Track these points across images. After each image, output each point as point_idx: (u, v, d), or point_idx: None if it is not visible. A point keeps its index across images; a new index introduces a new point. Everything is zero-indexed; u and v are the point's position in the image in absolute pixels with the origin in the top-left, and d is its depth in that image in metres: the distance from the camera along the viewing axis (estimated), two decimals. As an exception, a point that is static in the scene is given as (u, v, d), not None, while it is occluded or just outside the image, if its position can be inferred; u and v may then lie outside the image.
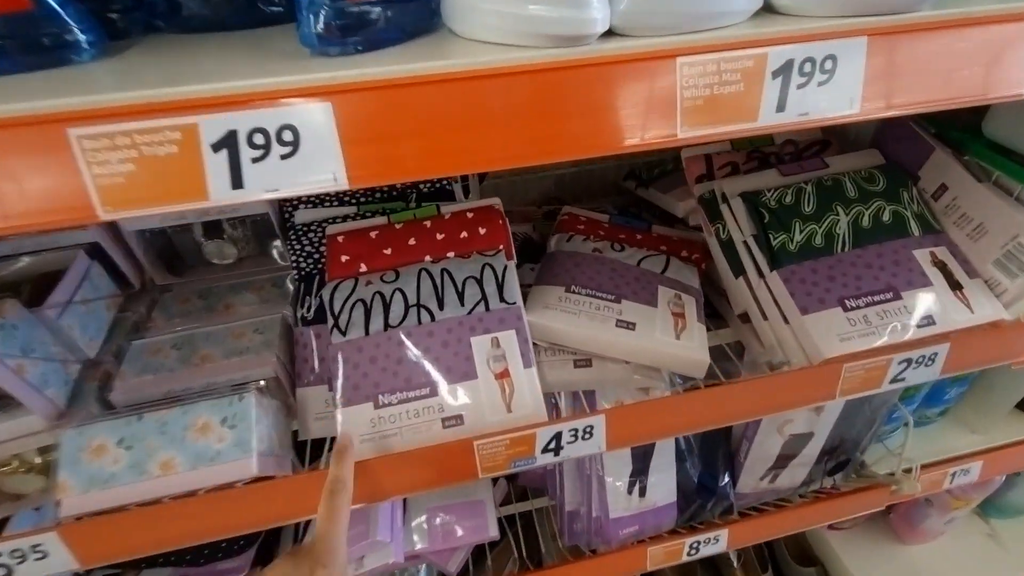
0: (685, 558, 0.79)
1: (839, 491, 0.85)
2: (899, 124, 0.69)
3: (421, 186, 0.76)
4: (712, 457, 0.84)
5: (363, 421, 0.56)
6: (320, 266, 0.69)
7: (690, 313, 0.66)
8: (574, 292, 0.66)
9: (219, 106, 0.27)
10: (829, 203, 0.65)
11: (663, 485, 0.80)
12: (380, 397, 0.57)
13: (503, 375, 0.58)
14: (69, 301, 0.56)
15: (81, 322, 0.58)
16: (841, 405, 0.75)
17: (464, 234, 0.66)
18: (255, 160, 0.28)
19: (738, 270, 0.68)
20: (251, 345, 0.62)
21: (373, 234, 0.66)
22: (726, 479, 0.84)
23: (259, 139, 0.28)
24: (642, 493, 0.80)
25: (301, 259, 0.68)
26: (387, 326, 0.60)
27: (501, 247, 0.66)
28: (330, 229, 0.66)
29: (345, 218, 0.70)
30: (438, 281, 0.62)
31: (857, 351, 0.56)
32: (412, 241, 0.66)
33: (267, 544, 0.75)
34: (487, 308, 0.60)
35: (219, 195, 0.29)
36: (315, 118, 0.28)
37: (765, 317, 0.65)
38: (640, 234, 0.79)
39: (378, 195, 0.73)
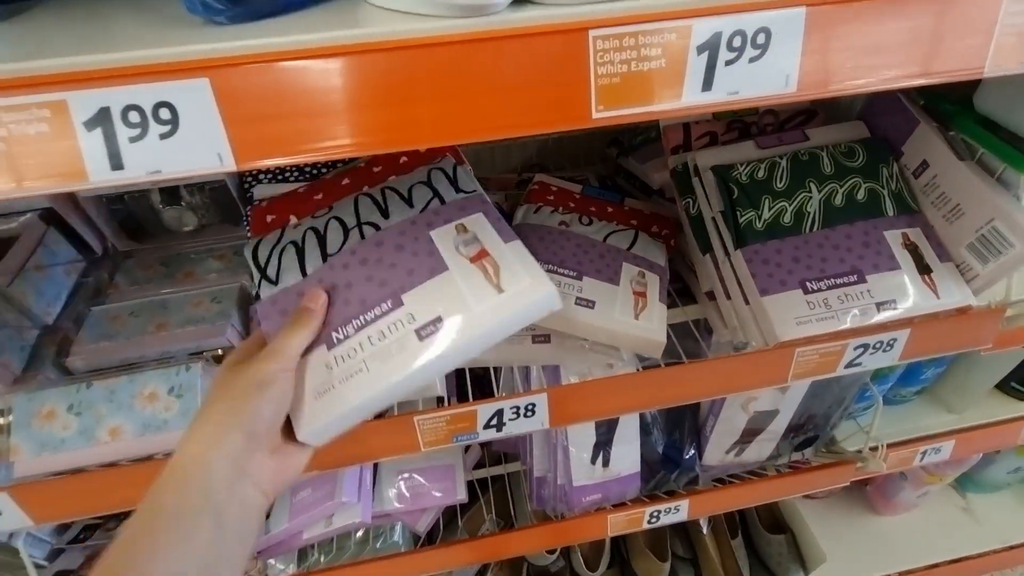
0: (646, 525, 0.81)
1: (804, 466, 0.85)
2: (887, 95, 0.65)
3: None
4: (678, 430, 0.84)
5: (318, 371, 0.46)
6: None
7: (652, 292, 0.65)
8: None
9: (87, 81, 0.26)
10: (803, 179, 0.62)
11: (627, 456, 0.81)
12: (333, 335, 0.47)
13: (480, 255, 0.49)
14: (21, 268, 0.56)
15: (37, 288, 0.59)
16: (807, 384, 0.74)
17: (404, 158, 0.58)
18: (132, 140, 0.27)
19: (705, 247, 0.66)
20: (207, 314, 0.62)
21: (301, 189, 0.60)
22: (692, 452, 0.85)
23: (134, 117, 0.27)
24: (606, 463, 0.81)
25: (259, 230, 0.67)
26: (325, 256, 0.51)
27: (448, 155, 0.59)
28: (259, 196, 0.60)
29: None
30: (379, 198, 0.54)
31: (812, 335, 0.55)
32: (346, 181, 0.59)
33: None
34: (442, 202, 0.53)
35: (99, 176, 0.28)
36: (192, 95, 0.27)
37: (728, 296, 0.63)
38: (612, 207, 0.77)
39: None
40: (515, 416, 0.53)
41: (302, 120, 0.29)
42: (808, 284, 0.57)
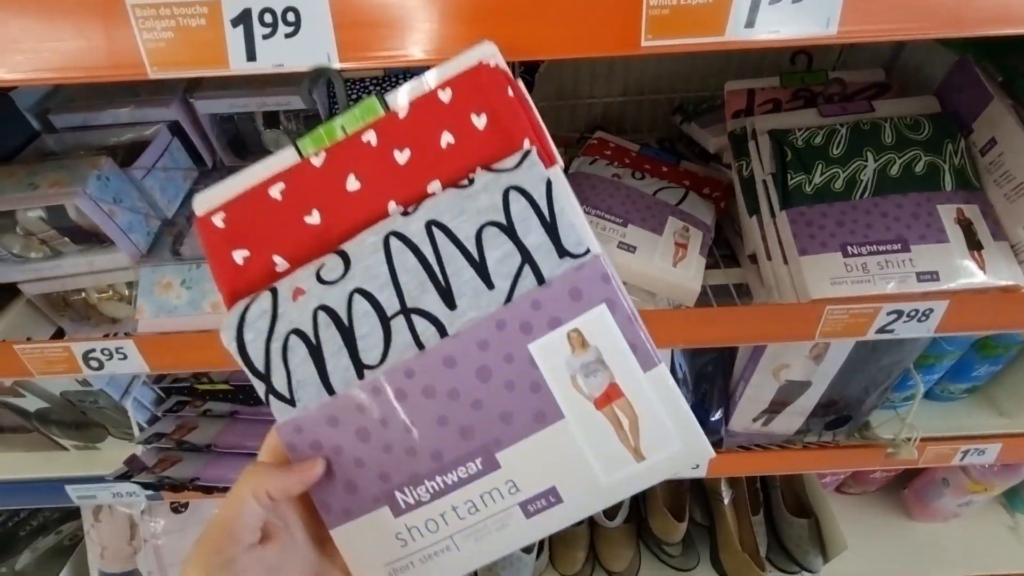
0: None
1: (832, 444, 0.86)
2: (965, 69, 0.63)
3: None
4: (707, 392, 0.87)
5: (386, 542, 0.37)
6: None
7: (693, 246, 0.68)
8: (584, 211, 0.69)
9: (237, -13, 0.33)
10: (860, 148, 0.63)
11: (653, 409, 0.85)
12: (399, 496, 0.36)
13: (609, 396, 0.34)
14: (152, 166, 0.68)
15: (161, 186, 0.70)
16: (843, 357, 0.75)
17: (447, 137, 0.36)
18: (265, 37, 0.34)
19: (753, 209, 0.68)
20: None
21: (275, 191, 0.38)
22: (719, 414, 0.87)
23: (268, 18, 0.34)
24: (632, 412, 0.85)
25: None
26: (360, 369, 0.35)
27: (525, 141, 0.36)
28: (197, 206, 0.38)
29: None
30: (425, 249, 0.35)
31: (846, 296, 0.56)
32: (352, 182, 0.37)
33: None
34: (539, 279, 0.34)
35: (237, 65, 0.35)
36: (313, 3, 0.34)
37: (769, 257, 0.65)
38: (667, 167, 0.79)
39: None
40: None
41: (395, 28, 0.35)
42: (849, 248, 0.58)
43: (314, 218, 0.38)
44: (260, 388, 0.37)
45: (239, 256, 0.38)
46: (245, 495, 0.33)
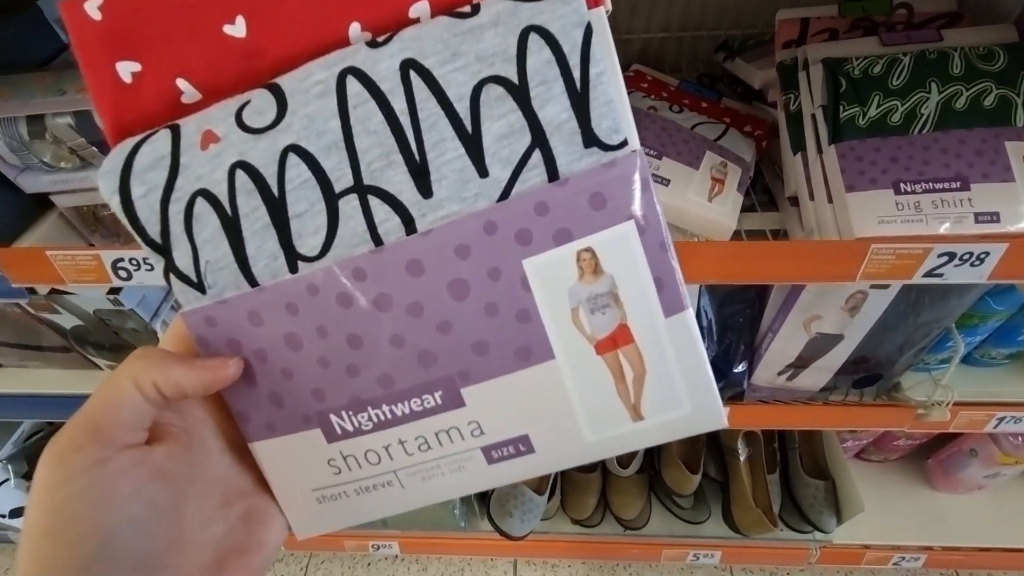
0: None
1: (859, 402, 0.83)
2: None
3: None
4: (733, 343, 0.85)
5: (315, 466, 0.30)
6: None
7: (731, 182, 0.64)
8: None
9: None
10: (924, 79, 0.58)
11: (675, 357, 0.83)
12: (333, 420, 0.29)
13: (616, 339, 0.27)
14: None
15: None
16: (880, 311, 0.71)
17: None
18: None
19: (798, 145, 0.64)
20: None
21: None
22: (742, 367, 0.85)
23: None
24: (653, 359, 0.84)
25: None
26: (293, 260, 0.27)
27: None
28: None
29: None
30: (398, 105, 0.25)
31: (894, 235, 0.53)
32: None
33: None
34: (553, 172, 0.25)
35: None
36: None
37: (812, 197, 0.62)
38: (706, 103, 0.75)
39: None
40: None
41: None
42: (902, 185, 0.54)
43: (238, 27, 0.26)
44: (157, 263, 0.27)
45: (126, 70, 0.27)
46: (124, 384, 0.25)
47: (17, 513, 1.06)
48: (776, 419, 0.82)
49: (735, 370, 0.85)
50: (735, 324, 0.83)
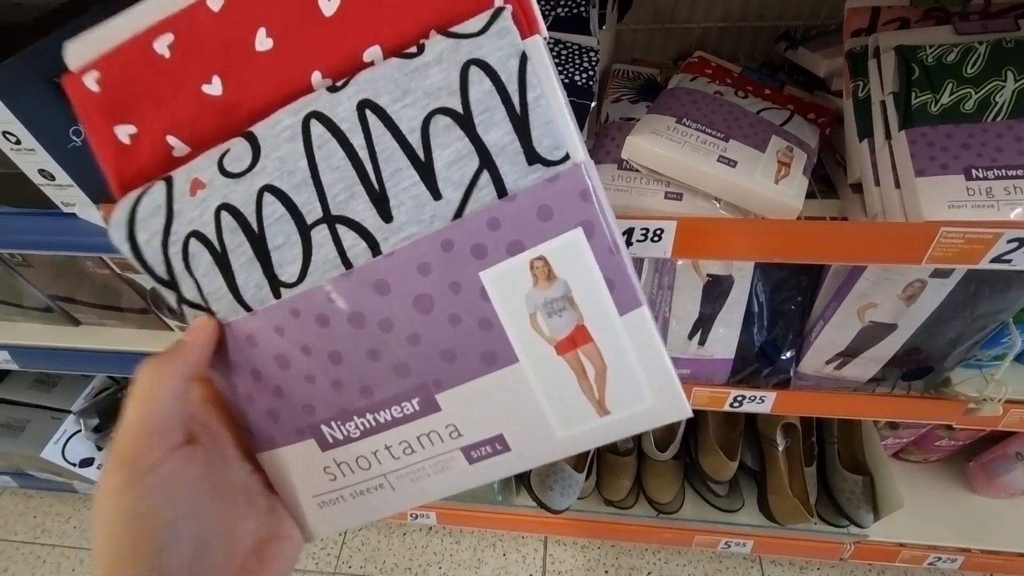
0: (727, 407, 0.86)
1: (907, 394, 0.83)
2: None
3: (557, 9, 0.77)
4: (782, 329, 0.86)
5: (313, 474, 0.34)
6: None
7: (797, 166, 0.65)
8: (684, 124, 0.67)
9: None
10: (1000, 67, 0.58)
11: (725, 340, 0.85)
12: (325, 430, 0.32)
13: (575, 339, 0.29)
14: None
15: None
16: (938, 301, 0.72)
17: None
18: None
19: (865, 131, 0.65)
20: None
21: (162, 44, 0.29)
22: (790, 354, 0.86)
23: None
24: (702, 342, 0.85)
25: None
26: (276, 287, 0.30)
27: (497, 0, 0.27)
28: (69, 57, 0.30)
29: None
30: (357, 142, 0.28)
31: (964, 220, 0.54)
32: (263, 39, 0.29)
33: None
34: (501, 188, 0.27)
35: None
36: None
37: (877, 183, 0.63)
38: (770, 89, 0.76)
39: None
40: (643, 238, 0.59)
41: None
42: (974, 171, 0.55)
43: (214, 87, 0.29)
44: (170, 297, 0.31)
45: (124, 132, 0.31)
46: (155, 392, 0.28)
47: (87, 463, 1.13)
48: (823, 407, 0.83)
49: (783, 357, 0.86)
50: (786, 311, 0.84)
